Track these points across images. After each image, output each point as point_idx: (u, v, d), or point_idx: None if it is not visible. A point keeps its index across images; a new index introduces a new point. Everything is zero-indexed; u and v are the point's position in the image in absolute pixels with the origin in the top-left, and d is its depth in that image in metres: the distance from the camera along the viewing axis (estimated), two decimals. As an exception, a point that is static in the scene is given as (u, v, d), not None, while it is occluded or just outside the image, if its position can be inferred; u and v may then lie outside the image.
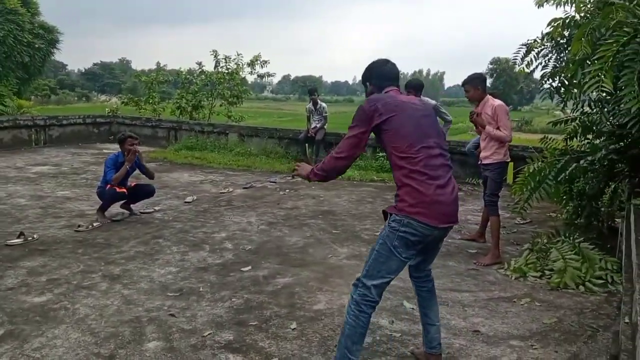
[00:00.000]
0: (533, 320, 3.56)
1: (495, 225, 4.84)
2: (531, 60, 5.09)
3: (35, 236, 5.03)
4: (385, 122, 2.54)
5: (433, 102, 6.46)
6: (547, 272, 4.38)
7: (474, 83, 4.88)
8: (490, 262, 4.70)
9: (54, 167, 9.16)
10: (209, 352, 2.99)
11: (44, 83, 45.16)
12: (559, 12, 4.56)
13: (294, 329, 3.31)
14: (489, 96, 4.90)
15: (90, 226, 5.44)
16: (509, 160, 5.02)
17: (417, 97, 6.21)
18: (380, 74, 2.83)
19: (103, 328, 3.23)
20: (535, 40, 4.94)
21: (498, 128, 4.75)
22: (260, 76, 14.53)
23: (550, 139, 5.61)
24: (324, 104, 10.29)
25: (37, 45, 15.55)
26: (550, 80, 4.90)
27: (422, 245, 2.62)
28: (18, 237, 4.92)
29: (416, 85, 6.39)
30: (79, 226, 5.41)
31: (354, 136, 2.58)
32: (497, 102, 4.84)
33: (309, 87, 10.87)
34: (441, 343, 2.93)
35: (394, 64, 2.86)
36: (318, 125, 10.07)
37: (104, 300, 3.66)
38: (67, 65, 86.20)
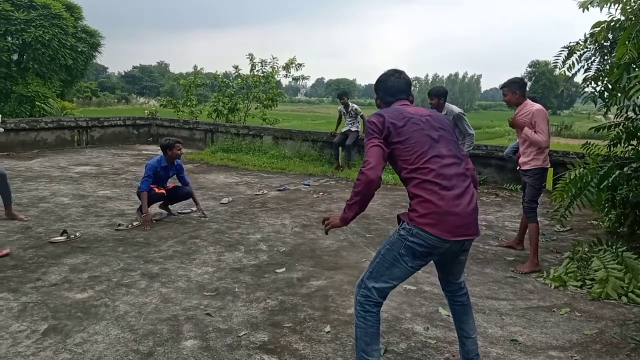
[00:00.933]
0: (573, 331, 3.47)
1: (533, 233, 4.74)
2: (573, 63, 4.97)
3: (77, 234, 5.19)
4: (394, 134, 2.50)
5: (457, 110, 6.32)
6: (588, 282, 4.26)
7: (513, 87, 4.80)
8: (528, 270, 4.60)
9: (95, 167, 9.44)
10: (244, 352, 3.02)
11: (85, 85, 46.61)
12: (603, 15, 4.44)
13: (328, 332, 3.32)
14: (527, 100, 4.81)
15: (130, 225, 5.58)
16: (548, 166, 4.89)
17: (442, 104, 6.18)
18: (385, 88, 2.78)
19: (142, 325, 3.31)
20: (577, 43, 4.82)
21: (535, 132, 4.66)
22: (295, 79, 14.61)
23: (592, 145, 5.46)
24: (355, 106, 10.25)
25: (80, 49, 16.01)
26: (593, 84, 4.77)
27: (435, 258, 2.55)
28: (61, 235, 5.09)
29: (439, 92, 6.30)
30: (119, 225, 5.56)
31: (375, 145, 2.48)
32: (536, 106, 4.74)
33: (338, 91, 10.85)
34: (479, 354, 2.88)
35: (401, 77, 2.78)
36: (352, 129, 10.05)
37: (142, 298, 3.74)
38: (107, 68, 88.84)
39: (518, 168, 5.02)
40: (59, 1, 15.43)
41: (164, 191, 5.97)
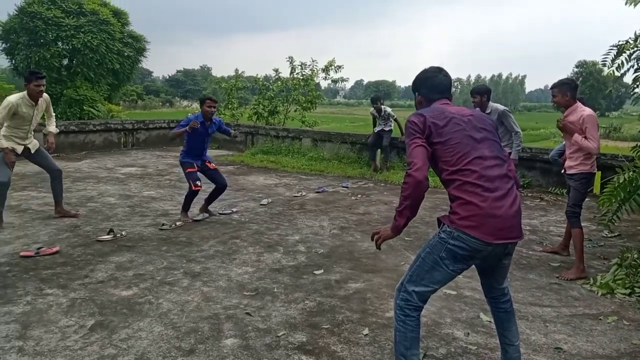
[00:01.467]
0: (621, 340, 3.34)
1: (577, 238, 4.61)
2: (622, 62, 4.78)
3: (123, 233, 5.35)
4: (434, 134, 2.43)
5: (502, 107, 6.10)
6: (637, 290, 4.10)
7: (563, 89, 4.63)
8: (574, 277, 4.46)
9: (140, 169, 9.72)
10: (283, 352, 3.05)
11: (131, 89, 47.98)
12: (656, 12, 4.26)
13: (366, 335, 3.31)
14: (578, 103, 4.65)
15: (174, 225, 5.72)
16: (595, 171, 4.74)
17: (485, 102, 6.00)
18: (432, 85, 2.69)
19: (184, 323, 3.39)
20: (627, 42, 4.63)
21: (585, 138, 4.51)
22: (334, 81, 14.66)
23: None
24: (388, 110, 10.18)
25: (126, 53, 16.52)
26: (644, 84, 4.59)
27: (477, 261, 2.47)
28: (108, 234, 5.26)
29: (482, 90, 6.09)
30: (163, 225, 5.71)
31: (419, 145, 2.41)
32: (587, 111, 4.57)
33: (371, 96, 10.76)
34: None
35: (446, 75, 2.71)
36: (386, 129, 10.00)
37: (185, 296, 3.83)
38: (152, 72, 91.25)
39: (563, 171, 4.87)
40: (107, 7, 15.97)
41: (200, 187, 5.91)
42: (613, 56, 4.79)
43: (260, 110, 14.34)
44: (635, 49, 4.65)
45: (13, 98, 5.52)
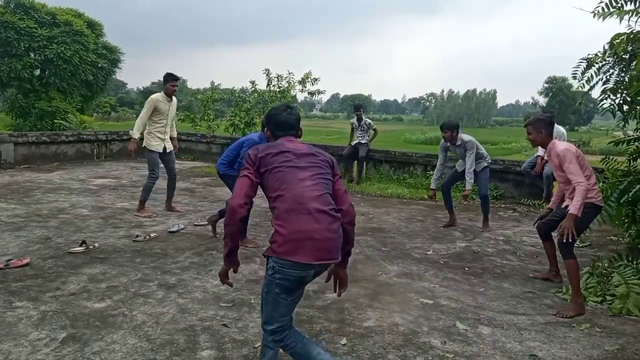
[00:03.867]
0: (594, 347, 3.40)
1: (573, 270, 4.03)
2: (591, 75, 4.93)
3: (96, 245, 5.25)
4: (262, 165, 2.58)
5: (468, 138, 6.43)
6: (608, 298, 4.19)
7: (538, 126, 4.24)
8: (574, 314, 3.93)
9: (114, 180, 9.56)
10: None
11: (105, 101, 47.38)
12: (623, 27, 4.41)
13: (344, 344, 3.30)
14: (555, 141, 4.23)
15: (148, 237, 5.63)
16: (602, 205, 4.21)
17: (455, 135, 6.34)
18: (277, 122, 2.81)
19: (159, 335, 3.33)
20: (596, 55, 4.78)
21: (564, 173, 4.06)
22: (311, 93, 14.67)
23: (612, 160, 5.40)
24: (368, 120, 10.32)
25: (100, 65, 16.34)
26: (612, 96, 4.73)
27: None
28: (80, 245, 5.15)
29: (452, 125, 6.40)
30: (137, 236, 5.61)
31: (243, 176, 2.57)
32: (562, 146, 4.10)
33: (355, 104, 10.96)
34: None
35: (291, 113, 2.81)
36: (362, 142, 10.10)
37: (159, 308, 3.76)
38: (127, 84, 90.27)
39: (564, 207, 4.32)
40: (81, 18, 15.80)
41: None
42: (583, 69, 4.94)
43: (236, 122, 14.24)
44: (604, 62, 4.81)
45: (153, 95, 6.69)
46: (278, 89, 14.35)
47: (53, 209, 6.87)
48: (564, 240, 3.92)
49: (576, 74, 5.00)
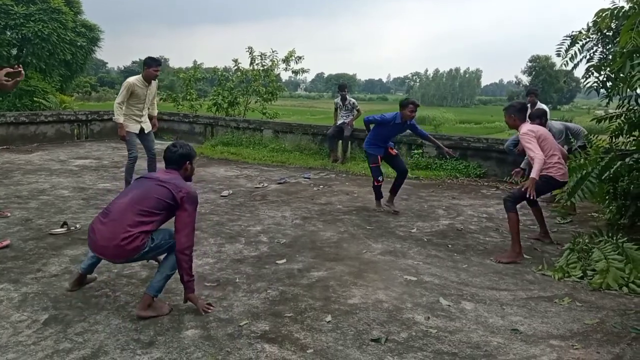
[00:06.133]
0: (574, 321, 3.46)
1: (513, 223, 4.73)
2: (575, 53, 4.93)
3: (77, 226, 5.18)
4: None
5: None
6: (589, 273, 4.26)
7: (509, 111, 4.90)
8: (507, 260, 4.64)
9: (95, 161, 9.42)
10: (245, 341, 3.02)
11: (85, 80, 46.38)
12: (607, 3, 4.40)
13: (329, 321, 3.32)
14: (522, 125, 4.82)
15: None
16: (561, 181, 4.83)
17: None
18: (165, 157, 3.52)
19: (143, 315, 3.30)
20: (580, 32, 4.77)
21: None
22: (295, 72, 14.54)
23: (594, 137, 5.45)
24: (353, 100, 10.28)
25: (79, 43, 15.92)
26: (596, 74, 4.75)
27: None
28: (61, 227, 5.08)
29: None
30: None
31: None
32: (524, 129, 4.74)
33: (339, 83, 10.90)
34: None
35: (174, 151, 3.47)
36: (347, 121, 10.07)
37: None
38: (107, 63, 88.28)
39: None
40: (58, -5, 15.36)
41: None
42: (567, 46, 4.94)
43: (219, 102, 14.11)
44: (588, 39, 4.81)
45: (130, 79, 6.49)
46: (262, 68, 14.20)
47: (33, 190, 6.76)
48: (527, 195, 4.54)
49: (560, 51, 5.01)
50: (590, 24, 4.63)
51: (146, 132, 6.71)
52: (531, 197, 4.61)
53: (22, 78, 5.41)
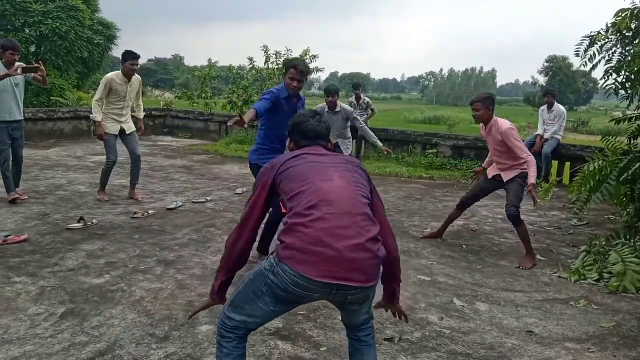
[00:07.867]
0: (590, 324, 3.43)
1: (525, 233, 4.65)
2: (594, 53, 4.87)
3: (94, 221, 5.24)
4: (281, 172, 2.22)
5: (350, 109, 6.76)
6: (605, 276, 4.21)
7: (487, 103, 4.59)
8: (532, 265, 4.54)
9: (111, 157, 9.50)
10: (259, 338, 3.04)
11: (102, 78, 46.85)
12: (627, 3, 4.34)
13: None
14: (496, 119, 4.64)
15: (146, 214, 5.62)
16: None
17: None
18: (302, 131, 2.41)
19: (158, 310, 3.34)
20: (599, 33, 4.70)
21: (510, 151, 4.53)
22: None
23: (613, 138, 5.38)
24: (367, 99, 10.24)
25: (96, 41, 16.09)
26: (615, 75, 4.68)
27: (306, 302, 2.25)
28: (78, 222, 5.14)
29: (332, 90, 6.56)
30: (135, 213, 5.60)
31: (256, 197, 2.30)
32: (507, 125, 4.56)
33: (354, 82, 10.88)
34: None
35: (319, 121, 2.43)
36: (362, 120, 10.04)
37: (159, 284, 3.77)
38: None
39: (492, 177, 4.93)
40: (76, -7, 15.53)
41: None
42: (586, 47, 4.87)
43: (234, 100, 14.13)
44: (607, 40, 4.74)
45: (110, 74, 6.13)
46: (277, 67, 14.22)
47: (50, 186, 6.85)
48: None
49: (579, 52, 4.94)
50: (610, 25, 4.57)
51: (128, 133, 6.24)
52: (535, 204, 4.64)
53: (42, 73, 5.51)
